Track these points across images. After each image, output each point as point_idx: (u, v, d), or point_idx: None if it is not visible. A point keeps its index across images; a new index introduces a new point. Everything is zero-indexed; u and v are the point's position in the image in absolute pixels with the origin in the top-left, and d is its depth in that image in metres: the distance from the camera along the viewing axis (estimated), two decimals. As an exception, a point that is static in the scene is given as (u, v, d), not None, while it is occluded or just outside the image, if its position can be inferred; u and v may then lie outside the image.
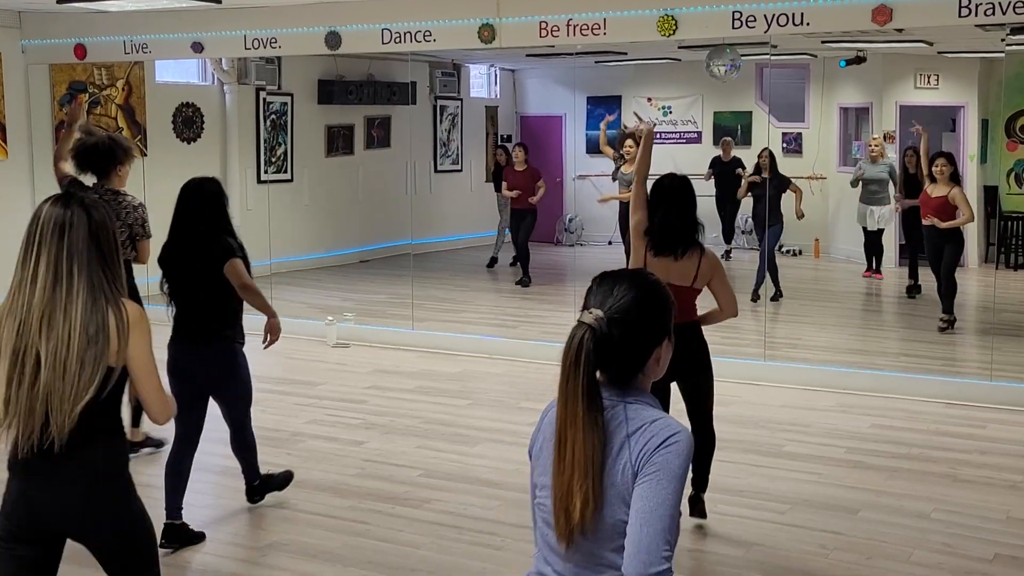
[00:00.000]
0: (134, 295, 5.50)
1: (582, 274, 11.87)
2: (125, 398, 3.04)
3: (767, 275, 10.61)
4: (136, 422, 6.07)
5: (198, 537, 5.03)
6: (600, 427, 2.18)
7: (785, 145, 14.99)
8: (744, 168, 12.88)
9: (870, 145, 12.40)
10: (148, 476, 5.32)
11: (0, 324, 2.88)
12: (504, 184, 12.93)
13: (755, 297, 10.61)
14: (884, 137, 13.13)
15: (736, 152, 14.09)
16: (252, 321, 5.25)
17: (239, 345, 5.16)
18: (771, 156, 11.11)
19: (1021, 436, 6.73)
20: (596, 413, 2.18)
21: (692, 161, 14.62)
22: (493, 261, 13.76)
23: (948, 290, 9.62)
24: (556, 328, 9.78)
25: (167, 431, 5.18)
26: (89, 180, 6.00)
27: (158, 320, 4.64)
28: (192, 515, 5.08)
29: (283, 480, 5.55)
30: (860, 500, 5.56)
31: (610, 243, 14.41)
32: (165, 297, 5.11)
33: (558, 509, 2.20)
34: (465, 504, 5.51)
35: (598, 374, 2.23)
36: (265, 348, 5.26)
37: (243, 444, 5.35)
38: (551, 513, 2.24)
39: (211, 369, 5.08)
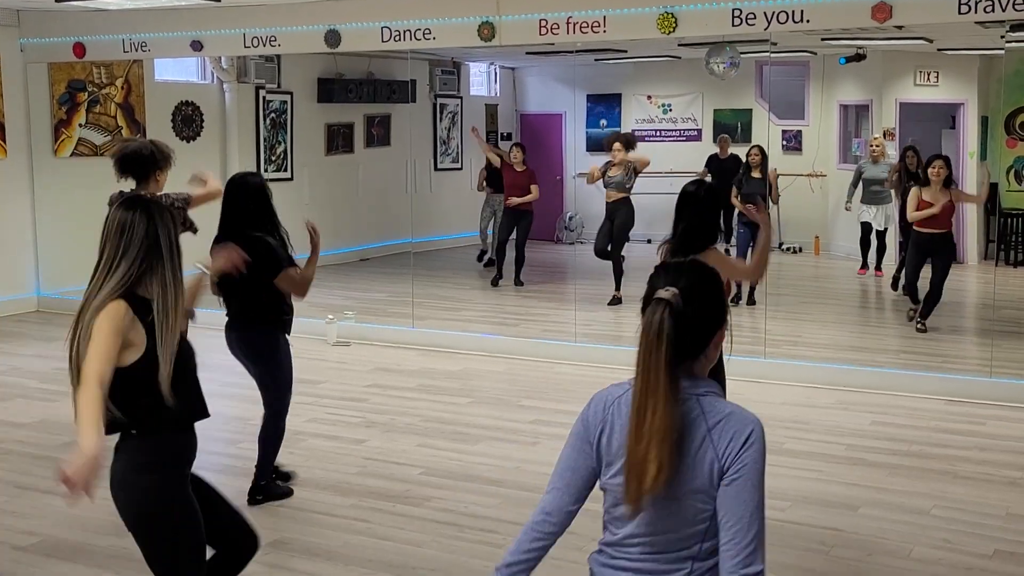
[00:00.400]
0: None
1: (582, 272, 11.99)
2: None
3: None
4: None
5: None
6: (679, 402, 2.29)
7: (785, 143, 14.99)
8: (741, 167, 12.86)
9: (871, 145, 12.39)
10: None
11: None
12: (504, 184, 12.86)
13: (752, 301, 10.61)
14: (884, 135, 13.12)
15: (735, 150, 14.07)
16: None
17: (279, 336, 5.40)
18: (762, 153, 11.07)
19: (1020, 433, 6.74)
20: (676, 386, 2.29)
21: (692, 159, 14.63)
22: (491, 262, 13.73)
23: (934, 298, 9.37)
24: (557, 326, 9.79)
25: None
26: (127, 186, 5.80)
27: (210, 324, 4.78)
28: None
29: (282, 495, 5.61)
30: (860, 497, 5.57)
31: (610, 241, 14.38)
32: (215, 288, 5.35)
33: (630, 476, 2.30)
34: (466, 502, 5.51)
35: None
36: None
37: (268, 434, 5.50)
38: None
39: (248, 351, 5.42)
